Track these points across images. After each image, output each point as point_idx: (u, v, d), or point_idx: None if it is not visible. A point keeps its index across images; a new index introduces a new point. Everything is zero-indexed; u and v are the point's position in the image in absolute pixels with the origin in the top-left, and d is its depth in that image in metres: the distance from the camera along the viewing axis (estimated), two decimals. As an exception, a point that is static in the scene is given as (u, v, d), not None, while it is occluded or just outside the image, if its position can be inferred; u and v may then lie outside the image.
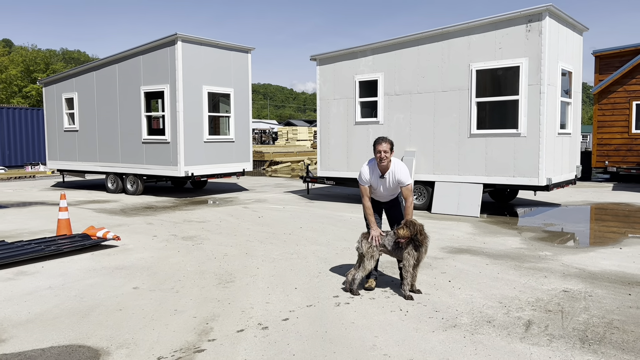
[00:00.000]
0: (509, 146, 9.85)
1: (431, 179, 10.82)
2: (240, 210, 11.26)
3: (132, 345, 4.03)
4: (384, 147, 5.18)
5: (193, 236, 8.35)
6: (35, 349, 3.99)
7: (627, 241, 7.78)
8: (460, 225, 9.18)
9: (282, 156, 23.04)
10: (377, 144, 5.21)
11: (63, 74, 16.12)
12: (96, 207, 11.88)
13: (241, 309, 4.85)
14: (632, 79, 16.41)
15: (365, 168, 5.37)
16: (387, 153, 5.20)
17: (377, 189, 5.41)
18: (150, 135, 14.06)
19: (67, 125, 16.03)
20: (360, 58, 11.86)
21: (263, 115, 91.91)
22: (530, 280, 5.69)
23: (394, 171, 5.27)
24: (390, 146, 5.21)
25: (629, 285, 5.52)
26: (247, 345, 4.01)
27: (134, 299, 5.16)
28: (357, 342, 4.05)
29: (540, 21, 9.37)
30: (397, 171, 5.26)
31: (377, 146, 5.20)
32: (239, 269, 6.28)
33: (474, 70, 10.16)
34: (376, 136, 11.52)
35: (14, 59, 50.39)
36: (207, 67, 13.55)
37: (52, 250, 6.94)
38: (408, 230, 5.10)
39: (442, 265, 6.41)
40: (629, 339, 4.09)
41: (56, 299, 5.20)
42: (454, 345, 3.98)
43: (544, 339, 4.08)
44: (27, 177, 21.10)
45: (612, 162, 16.87)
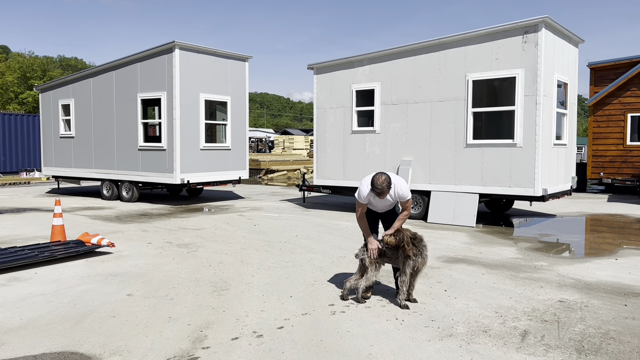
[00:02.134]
0: (504, 156, 9.88)
1: (427, 189, 10.83)
2: (236, 218, 11.23)
3: (125, 353, 3.99)
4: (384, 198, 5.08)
5: (188, 243, 8.31)
6: (27, 356, 3.94)
7: (623, 252, 7.79)
8: (456, 235, 9.18)
9: (279, 165, 23.03)
10: (377, 195, 5.04)
11: (60, 80, 16.11)
12: (91, 214, 11.82)
13: (236, 316, 4.81)
14: (627, 91, 16.53)
15: (365, 188, 5.20)
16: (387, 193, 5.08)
17: (376, 204, 5.39)
18: (146, 142, 14.03)
19: (63, 132, 15.99)
20: (357, 67, 11.90)
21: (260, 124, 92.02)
22: (526, 290, 5.68)
23: (394, 189, 5.19)
24: (389, 191, 5.06)
25: (625, 295, 5.52)
26: (241, 353, 3.98)
27: (128, 306, 5.11)
28: (352, 351, 4.03)
29: (536, 33, 9.44)
30: (397, 188, 5.19)
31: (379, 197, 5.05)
32: (234, 277, 6.24)
33: (471, 81, 10.21)
34: (373, 145, 11.55)
35: (10, 65, 50.39)
36: (205, 75, 13.57)
37: (46, 256, 6.88)
38: (394, 239, 5.12)
39: (438, 274, 6.39)
40: (625, 349, 4.08)
41: (49, 305, 5.15)
42: (449, 355, 3.95)
43: (540, 349, 4.07)
44: (22, 183, 21.00)
45: (607, 174, 16.94)
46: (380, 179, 5.00)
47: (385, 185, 4.99)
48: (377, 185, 5.00)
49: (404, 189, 5.23)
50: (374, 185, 5.01)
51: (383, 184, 4.98)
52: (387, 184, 5.00)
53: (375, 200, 5.30)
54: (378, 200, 5.26)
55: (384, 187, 4.99)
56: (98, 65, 14.87)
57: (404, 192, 5.22)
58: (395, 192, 5.19)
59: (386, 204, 5.41)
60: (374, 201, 5.32)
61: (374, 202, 5.33)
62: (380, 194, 5.02)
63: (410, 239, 5.11)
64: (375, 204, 5.38)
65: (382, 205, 5.39)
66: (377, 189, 5.00)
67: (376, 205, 5.42)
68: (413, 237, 5.13)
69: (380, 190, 4.99)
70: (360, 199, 5.29)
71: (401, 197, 5.24)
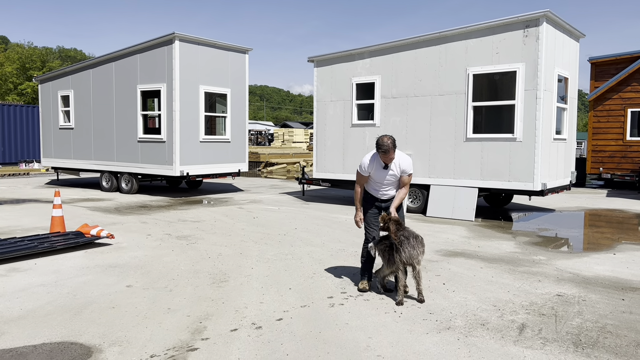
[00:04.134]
0: (504, 151, 9.88)
1: (427, 182, 10.83)
2: (235, 210, 11.24)
3: (124, 343, 4.01)
4: (392, 156, 5.11)
5: (187, 235, 8.32)
6: (27, 346, 3.96)
7: (621, 247, 7.81)
8: (455, 229, 9.20)
9: (278, 157, 23.02)
10: (384, 154, 5.06)
11: (59, 71, 16.06)
12: (90, 205, 11.83)
13: (235, 308, 4.83)
14: (628, 87, 16.51)
15: (367, 158, 5.27)
16: (394, 156, 5.15)
17: (378, 180, 5.31)
18: (146, 134, 14.01)
19: (63, 123, 15.96)
20: (358, 60, 11.88)
21: (259, 116, 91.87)
22: (524, 284, 5.70)
23: (399, 162, 5.23)
24: (394, 149, 5.10)
25: (623, 290, 5.54)
26: (240, 345, 4.00)
27: (127, 297, 5.13)
28: (350, 343, 4.05)
29: (537, 27, 9.42)
30: (402, 162, 5.24)
31: (385, 157, 5.09)
32: (233, 269, 6.26)
33: (471, 75, 10.19)
34: (372, 139, 11.54)
35: (9, 56, 50.21)
36: (204, 67, 13.53)
37: (45, 247, 6.90)
38: (382, 220, 5.12)
39: (437, 268, 6.41)
40: (622, 343, 4.10)
41: (49, 295, 5.16)
42: (447, 347, 3.98)
43: (537, 342, 4.09)
44: (21, 175, 20.99)
45: (607, 169, 16.95)
46: (384, 139, 5.05)
47: (390, 144, 5.02)
48: (383, 144, 5.02)
49: (408, 161, 5.29)
50: (380, 144, 5.03)
51: (388, 141, 5.02)
52: (392, 142, 5.04)
53: (378, 172, 5.25)
54: (381, 171, 5.23)
55: (389, 145, 5.01)
56: (98, 57, 14.82)
57: (408, 164, 5.27)
58: (399, 163, 5.23)
59: (388, 179, 5.29)
60: (376, 174, 5.27)
61: (376, 175, 5.27)
62: (386, 152, 5.02)
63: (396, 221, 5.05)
64: (376, 177, 5.28)
65: (384, 178, 5.27)
66: (383, 147, 5.01)
67: (377, 179, 5.30)
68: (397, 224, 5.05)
69: (386, 148, 5.01)
70: (361, 170, 5.31)
71: (404, 171, 5.26)
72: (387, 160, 5.14)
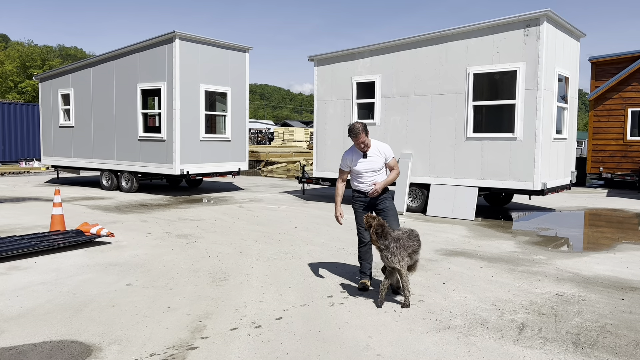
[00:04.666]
0: (504, 150, 9.87)
1: (427, 182, 10.83)
2: (235, 209, 11.24)
3: (124, 342, 4.01)
4: (362, 139, 5.23)
5: (187, 234, 8.32)
6: (26, 344, 3.96)
7: (621, 247, 7.81)
8: (455, 228, 9.20)
9: (278, 156, 23.01)
10: (355, 137, 5.20)
11: (60, 69, 16.06)
12: (90, 204, 11.83)
13: (235, 307, 4.83)
14: (628, 86, 16.50)
15: (347, 153, 5.45)
16: (367, 141, 5.27)
17: (362, 170, 5.36)
18: (146, 132, 14.01)
19: (63, 121, 15.96)
20: (358, 59, 11.87)
21: (259, 115, 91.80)
22: (524, 284, 5.70)
23: (377, 148, 5.36)
24: (366, 133, 5.24)
25: (622, 290, 5.54)
26: (240, 344, 4.00)
27: (127, 296, 5.13)
28: (350, 342, 4.05)
29: (538, 26, 9.41)
30: (380, 147, 5.39)
31: (357, 139, 5.23)
32: (233, 268, 6.26)
33: (471, 74, 10.19)
34: (373, 138, 11.51)
35: (10, 54, 50.14)
36: (205, 66, 13.53)
37: (46, 245, 6.90)
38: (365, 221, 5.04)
39: (437, 267, 6.41)
40: (621, 343, 4.10)
41: (48, 294, 5.17)
42: (447, 347, 3.98)
43: (537, 342, 4.09)
44: (21, 173, 21.00)
45: (607, 169, 16.94)
46: (355, 123, 5.26)
47: (360, 127, 5.18)
48: (353, 127, 5.19)
49: (387, 146, 5.45)
50: (350, 128, 5.21)
51: (358, 125, 5.21)
52: (362, 125, 5.20)
53: (360, 163, 5.34)
54: (362, 161, 5.33)
55: (359, 128, 5.17)
56: (98, 55, 14.82)
57: (388, 148, 5.43)
58: (378, 149, 5.35)
59: (371, 166, 5.34)
60: (359, 165, 5.35)
61: (359, 165, 5.35)
62: (356, 135, 5.16)
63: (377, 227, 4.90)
64: (360, 168, 5.35)
65: (367, 167, 5.34)
66: (354, 130, 5.18)
67: (361, 170, 5.34)
68: (381, 226, 4.90)
69: (356, 131, 5.16)
70: (342, 165, 5.50)
71: (387, 155, 5.38)
72: (360, 145, 5.25)
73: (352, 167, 5.42)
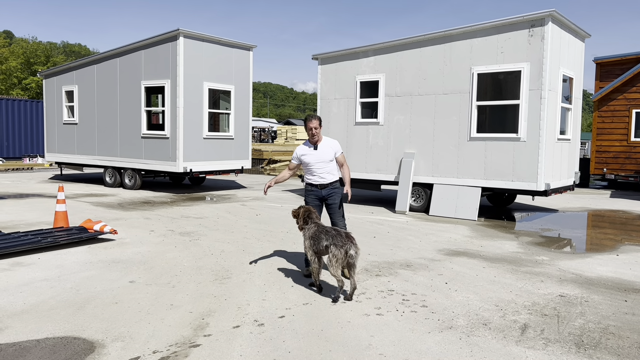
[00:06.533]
0: (508, 150, 9.86)
1: (430, 181, 10.82)
2: (238, 207, 11.25)
3: (127, 339, 4.02)
4: (314, 124, 5.71)
5: (190, 232, 8.34)
6: (30, 340, 3.97)
7: (624, 248, 7.79)
8: (458, 228, 9.19)
9: (281, 155, 23.02)
10: (307, 121, 5.75)
11: (64, 66, 16.10)
12: (94, 201, 11.86)
13: (237, 305, 4.84)
14: (633, 87, 16.44)
15: (300, 147, 5.93)
16: (318, 129, 5.74)
17: (312, 162, 5.80)
18: (149, 130, 14.04)
19: (67, 118, 16.00)
20: (362, 58, 11.86)
21: (263, 113, 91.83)
22: (526, 284, 5.70)
23: (327, 142, 5.87)
24: (319, 122, 5.75)
25: (625, 291, 5.53)
26: (242, 342, 4.01)
27: (130, 293, 5.15)
28: (352, 341, 4.05)
29: (542, 26, 9.38)
30: (330, 142, 5.90)
31: (308, 123, 5.73)
32: (236, 266, 6.27)
33: (476, 74, 10.17)
34: (376, 137, 11.54)
35: (14, 50, 50.22)
36: (209, 64, 13.54)
37: (49, 242, 6.92)
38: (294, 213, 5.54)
39: (439, 267, 6.41)
40: (624, 344, 4.10)
41: (52, 290, 5.18)
42: (449, 347, 3.98)
43: (539, 343, 4.09)
44: (25, 169, 21.05)
45: (611, 170, 16.90)
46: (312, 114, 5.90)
47: (316, 115, 5.76)
48: (309, 115, 5.78)
49: (336, 141, 5.97)
50: (306, 117, 5.78)
51: (314, 114, 5.83)
52: (318, 116, 5.78)
53: (310, 155, 5.79)
54: (312, 153, 5.81)
55: (314, 116, 5.76)
56: (102, 52, 14.84)
57: (336, 143, 5.93)
58: (328, 144, 5.83)
59: (323, 157, 5.77)
60: (309, 157, 5.79)
61: (309, 157, 5.80)
62: (310, 120, 5.70)
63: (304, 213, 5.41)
64: (310, 159, 5.79)
65: (318, 159, 5.77)
66: (308, 117, 5.74)
67: (312, 161, 5.79)
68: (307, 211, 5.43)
69: (310, 117, 5.73)
70: (293, 157, 5.96)
71: (336, 150, 5.88)
72: (311, 130, 5.69)
73: (302, 160, 5.86)
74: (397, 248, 7.45)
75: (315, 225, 5.29)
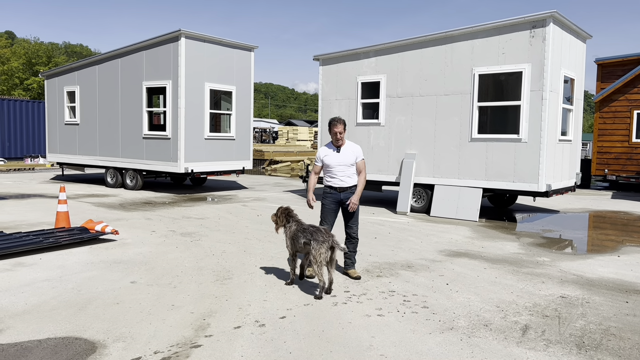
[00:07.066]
0: (509, 151, 9.86)
1: (431, 182, 10.82)
2: (239, 208, 11.26)
3: (128, 339, 4.03)
4: (339, 129, 5.71)
5: (191, 232, 8.35)
6: (31, 340, 3.98)
7: (625, 249, 7.78)
8: (459, 229, 9.19)
9: (282, 155, 23.03)
10: (332, 125, 5.74)
11: (66, 67, 16.12)
12: (95, 201, 11.87)
13: (238, 305, 4.85)
14: (634, 88, 16.43)
15: (322, 148, 5.91)
16: (342, 133, 5.73)
17: (333, 164, 5.78)
18: (151, 130, 14.05)
19: (68, 119, 16.02)
20: (364, 59, 11.87)
21: (264, 114, 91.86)
22: (527, 286, 5.70)
23: (350, 146, 5.85)
24: (344, 127, 5.75)
25: (627, 292, 5.53)
26: (243, 342, 4.01)
27: (132, 293, 5.15)
28: (353, 342, 4.05)
29: (544, 27, 9.38)
30: (354, 147, 5.87)
31: (333, 127, 5.72)
32: (237, 266, 6.28)
33: (477, 75, 10.17)
34: (377, 138, 11.55)
35: (16, 51, 50.33)
36: (210, 64, 13.55)
37: (51, 242, 6.93)
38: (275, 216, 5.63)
39: (440, 268, 6.41)
40: (625, 345, 4.10)
41: (53, 291, 5.19)
42: (450, 348, 3.98)
43: (540, 344, 4.09)
44: (27, 170, 21.08)
45: (612, 171, 16.88)
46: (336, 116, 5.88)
47: (341, 119, 5.74)
48: (335, 117, 5.78)
49: (359, 147, 5.94)
50: (331, 118, 5.75)
51: (340, 117, 5.78)
52: (343, 119, 5.76)
53: (333, 157, 5.76)
54: (335, 155, 5.75)
55: (340, 119, 5.74)
56: (104, 53, 14.86)
57: (359, 149, 5.91)
58: (351, 149, 5.82)
59: (343, 161, 5.75)
60: (331, 159, 5.76)
61: (331, 159, 5.76)
62: (337, 124, 5.67)
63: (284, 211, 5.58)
64: (332, 161, 5.76)
65: (339, 162, 5.74)
66: (334, 119, 5.73)
67: (333, 164, 5.76)
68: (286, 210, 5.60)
69: (335, 121, 5.71)
70: (317, 160, 5.92)
71: (358, 155, 5.85)
72: (336, 135, 5.68)
73: (324, 161, 5.84)
74: (398, 249, 7.45)
75: (295, 223, 5.45)
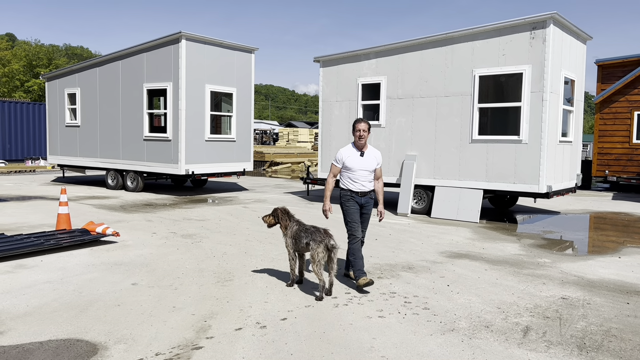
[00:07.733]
0: (510, 153, 9.86)
1: (431, 184, 10.83)
2: (240, 209, 11.26)
3: (130, 341, 4.03)
4: (363, 127, 5.59)
5: (192, 234, 8.35)
6: (33, 342, 3.98)
7: (626, 250, 7.78)
8: (460, 230, 9.19)
9: (283, 157, 23.04)
10: (357, 123, 5.61)
11: (66, 69, 16.14)
12: (96, 203, 11.88)
13: (239, 307, 4.85)
14: (634, 89, 16.44)
15: (344, 149, 5.74)
16: (366, 132, 5.60)
17: (355, 168, 5.63)
18: (151, 132, 14.07)
19: (69, 121, 16.03)
20: (364, 61, 11.88)
21: (264, 116, 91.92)
22: (528, 287, 5.70)
23: (372, 151, 5.74)
24: (368, 127, 5.64)
25: (628, 294, 5.53)
26: (245, 344, 4.01)
27: (133, 295, 5.16)
28: (355, 344, 4.06)
29: (544, 29, 9.39)
30: (375, 152, 5.77)
31: (357, 125, 5.60)
32: (238, 268, 6.28)
33: (477, 76, 10.18)
34: (378, 139, 11.55)
35: (16, 53, 50.37)
36: (211, 66, 13.57)
37: (52, 244, 6.94)
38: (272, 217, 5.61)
39: (441, 269, 6.41)
40: (626, 347, 4.10)
41: (55, 292, 5.20)
42: (451, 349, 3.98)
43: (541, 345, 4.09)
44: (28, 172, 21.10)
45: (613, 172, 16.88)
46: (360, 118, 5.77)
47: (366, 120, 5.65)
48: (358, 118, 5.74)
49: (379, 153, 5.86)
50: (356, 120, 5.63)
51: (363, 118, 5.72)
52: (367, 121, 5.70)
53: (355, 160, 5.62)
54: (357, 158, 5.61)
55: (365, 120, 5.64)
56: (104, 55, 14.88)
57: (380, 155, 5.83)
58: (374, 153, 5.72)
59: (367, 166, 5.63)
60: (353, 162, 5.62)
61: (353, 162, 5.62)
62: (362, 121, 5.59)
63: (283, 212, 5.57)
64: (353, 165, 5.61)
65: (363, 166, 5.62)
66: (359, 119, 5.63)
67: (355, 167, 5.62)
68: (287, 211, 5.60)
69: (360, 119, 5.64)
70: (336, 161, 5.74)
71: (379, 161, 5.78)
72: (359, 132, 5.55)
73: (346, 164, 5.65)
74: (398, 250, 7.45)
75: (296, 223, 5.47)
